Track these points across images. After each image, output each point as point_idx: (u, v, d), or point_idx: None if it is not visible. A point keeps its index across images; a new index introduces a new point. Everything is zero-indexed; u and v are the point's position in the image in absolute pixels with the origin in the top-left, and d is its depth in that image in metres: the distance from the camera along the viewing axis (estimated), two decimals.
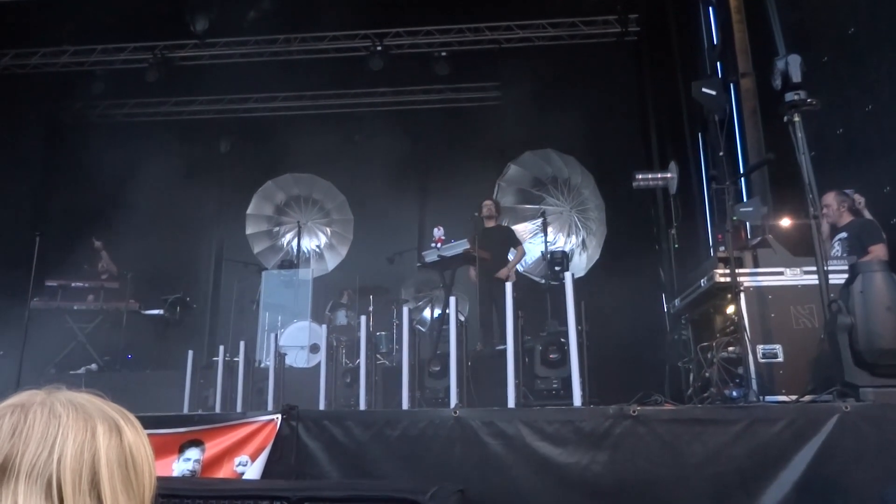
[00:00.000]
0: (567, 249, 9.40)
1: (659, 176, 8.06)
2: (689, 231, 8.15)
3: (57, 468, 0.85)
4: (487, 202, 8.08)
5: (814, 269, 3.95)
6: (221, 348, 6.58)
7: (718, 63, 7.96)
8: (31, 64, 10.93)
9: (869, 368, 3.48)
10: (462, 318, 5.78)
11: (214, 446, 3.84)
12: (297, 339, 8.27)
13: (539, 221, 8.91)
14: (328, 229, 11.44)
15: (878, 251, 4.86)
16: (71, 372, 7.62)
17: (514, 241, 8.06)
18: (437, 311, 8.87)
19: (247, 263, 10.48)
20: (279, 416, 3.80)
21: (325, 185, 11.30)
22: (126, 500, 0.90)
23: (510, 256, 8.00)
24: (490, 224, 7.98)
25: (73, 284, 8.46)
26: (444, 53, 10.73)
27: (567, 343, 4.42)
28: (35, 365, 7.10)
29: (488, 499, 3.37)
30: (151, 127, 11.97)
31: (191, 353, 6.54)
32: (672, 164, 8.07)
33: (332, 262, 11.28)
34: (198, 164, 11.97)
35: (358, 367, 5.64)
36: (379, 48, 10.55)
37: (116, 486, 0.89)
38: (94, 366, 8.02)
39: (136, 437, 0.94)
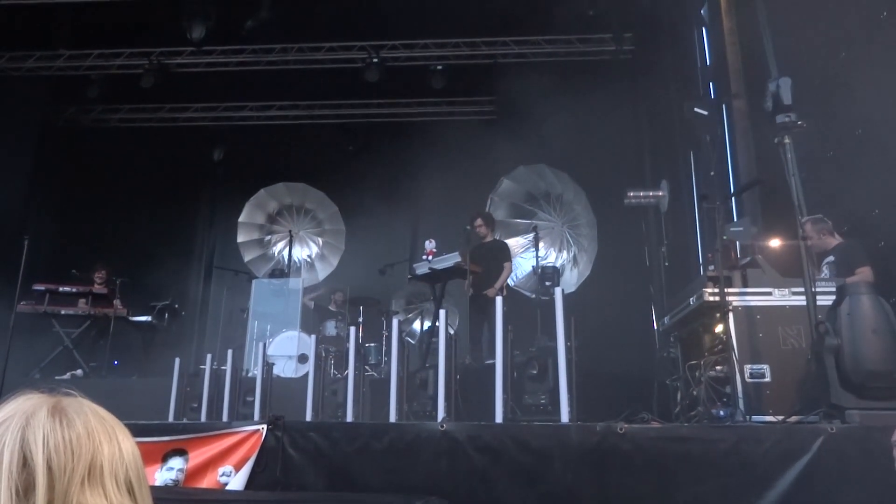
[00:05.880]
0: (558, 265, 9.42)
1: (651, 194, 8.11)
2: (680, 249, 8.18)
3: (124, 465, 0.90)
4: (478, 221, 7.79)
5: (802, 290, 3.98)
6: (209, 356, 6.54)
7: (711, 83, 8.03)
8: (26, 67, 10.91)
9: (855, 390, 3.50)
10: (451, 332, 5.78)
11: (198, 456, 3.81)
12: (285, 349, 8.23)
13: (531, 236, 8.91)
14: (320, 239, 11.43)
15: (866, 273, 4.88)
16: (56, 377, 7.55)
17: (505, 257, 7.73)
18: (427, 324, 8.86)
19: (237, 272, 10.46)
20: (265, 426, 3.78)
21: (317, 194, 11.30)
22: (148, 497, 0.95)
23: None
24: (486, 239, 7.89)
25: (60, 289, 8.37)
26: (439, 67, 10.79)
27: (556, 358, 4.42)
28: (20, 369, 7.03)
29: None
30: (145, 133, 11.96)
31: (178, 360, 6.49)
32: (664, 183, 8.12)
33: (322, 272, 11.26)
34: (191, 171, 11.98)
35: (346, 378, 5.61)
36: (375, 60, 10.59)
37: (142, 484, 0.94)
38: (79, 371, 7.94)
39: None
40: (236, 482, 3.66)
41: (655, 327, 8.14)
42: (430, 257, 6.64)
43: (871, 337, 3.56)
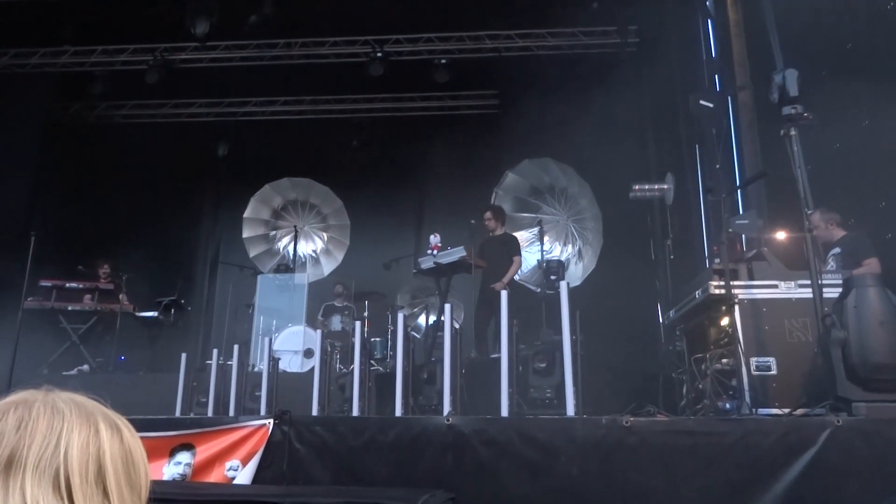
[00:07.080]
0: (563, 258, 9.42)
1: (656, 187, 8.09)
2: (685, 242, 8.16)
3: (64, 460, 0.87)
4: (487, 214, 7.83)
5: (808, 282, 3.96)
6: (215, 352, 6.57)
7: (716, 76, 7.99)
8: (31, 63, 10.93)
9: (862, 383, 3.48)
10: (457, 326, 5.78)
11: (205, 450, 3.82)
12: (291, 344, 8.25)
13: (536, 230, 8.91)
14: (325, 234, 11.44)
15: (873, 265, 4.87)
16: (64, 373, 7.59)
17: (514, 251, 7.67)
18: (433, 318, 8.86)
19: (242, 267, 10.49)
20: (271, 420, 3.79)
21: (322, 189, 11.31)
22: (129, 495, 0.92)
23: None
24: (496, 232, 7.86)
25: (67, 285, 8.41)
26: (443, 61, 10.77)
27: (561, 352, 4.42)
28: (27, 365, 7.07)
29: None
30: (150, 129, 11.98)
31: (184, 355, 6.52)
32: (669, 176, 8.10)
33: (328, 266, 11.29)
34: (195, 166, 12.00)
35: (352, 372, 5.63)
36: (379, 54, 10.58)
37: (121, 481, 0.91)
38: (86, 367, 7.98)
39: (133, 439, 0.96)
40: (243, 476, 3.68)
41: (661, 321, 8.13)
42: (435, 252, 6.65)
43: (877, 329, 3.54)
